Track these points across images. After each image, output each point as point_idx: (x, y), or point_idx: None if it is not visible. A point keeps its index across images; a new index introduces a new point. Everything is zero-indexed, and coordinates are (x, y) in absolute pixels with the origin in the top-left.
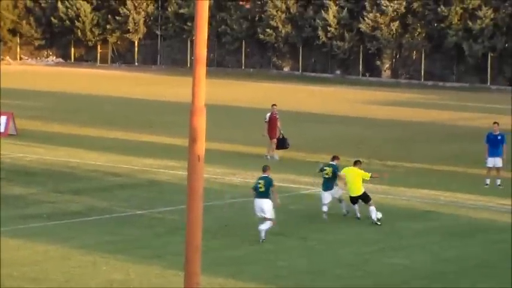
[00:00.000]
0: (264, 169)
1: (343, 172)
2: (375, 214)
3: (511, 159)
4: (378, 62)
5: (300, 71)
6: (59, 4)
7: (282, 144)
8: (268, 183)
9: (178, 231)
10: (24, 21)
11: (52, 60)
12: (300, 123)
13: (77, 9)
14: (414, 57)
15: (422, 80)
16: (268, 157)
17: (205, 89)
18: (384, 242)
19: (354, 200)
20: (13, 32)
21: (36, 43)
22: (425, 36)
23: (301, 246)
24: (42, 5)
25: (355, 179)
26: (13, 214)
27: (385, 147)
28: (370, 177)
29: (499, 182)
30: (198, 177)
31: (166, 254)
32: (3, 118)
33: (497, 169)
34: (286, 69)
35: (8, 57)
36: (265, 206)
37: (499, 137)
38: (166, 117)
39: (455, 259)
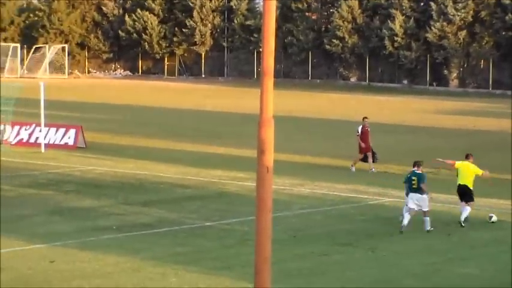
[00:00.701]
0: (417, 164)
1: (456, 166)
2: (466, 215)
3: None
4: (446, 71)
5: (367, 81)
6: (126, 17)
7: (366, 158)
8: (421, 179)
9: (247, 242)
10: (92, 35)
11: (120, 73)
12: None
13: (144, 22)
14: (482, 66)
15: (491, 88)
16: (353, 169)
17: (273, 100)
18: (453, 252)
19: (461, 189)
20: (81, 45)
21: (104, 56)
22: (493, 44)
23: (369, 257)
24: (110, 18)
25: (467, 173)
26: (83, 226)
27: (454, 157)
28: (482, 175)
29: None
30: (266, 189)
31: (236, 265)
32: (73, 131)
33: None
34: (353, 79)
35: (76, 71)
36: (422, 201)
37: None
38: (233, 129)
39: None
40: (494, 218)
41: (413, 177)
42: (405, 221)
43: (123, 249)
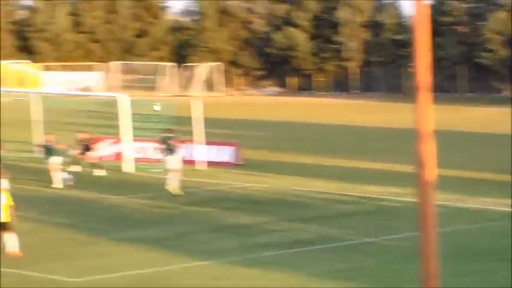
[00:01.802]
0: None
1: None
2: None
3: None
4: None
5: None
6: (275, 35)
7: None
8: None
9: (410, 259)
10: (243, 53)
11: (271, 90)
12: None
13: (292, 38)
14: None
15: None
16: None
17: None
18: None
19: None
20: (233, 63)
21: (256, 73)
22: None
23: None
24: (259, 35)
25: None
26: (244, 243)
27: None
28: None
29: None
30: (428, 204)
31: (399, 282)
32: (231, 149)
33: None
34: (506, 92)
35: (230, 88)
36: None
37: None
38: (385, 144)
39: None
40: None
41: None
42: None
43: (285, 266)
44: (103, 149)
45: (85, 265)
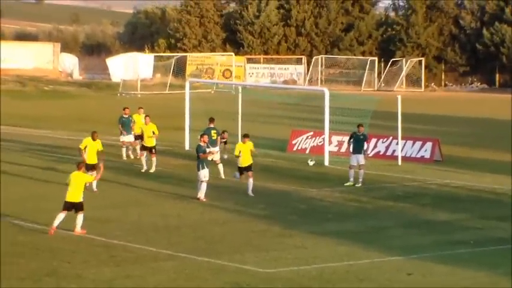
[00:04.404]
0: None
1: None
2: None
3: None
4: None
5: None
6: (484, 30)
7: None
8: None
9: None
10: (448, 48)
11: (476, 86)
12: None
13: (502, 35)
14: None
15: None
16: None
17: None
18: None
19: None
20: (438, 58)
21: (461, 69)
22: None
23: None
24: (467, 31)
25: None
26: (439, 239)
27: None
28: None
29: None
30: None
31: None
32: (429, 144)
33: None
34: None
35: (433, 84)
36: None
37: None
38: None
39: None
40: None
41: None
42: None
43: (478, 264)
44: (302, 143)
45: (278, 256)
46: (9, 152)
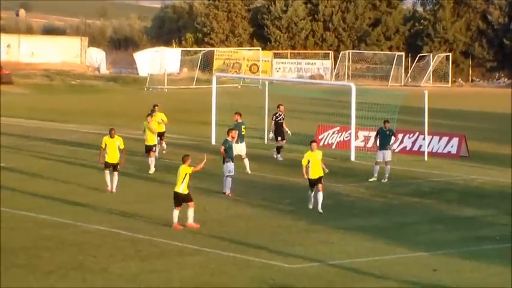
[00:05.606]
0: None
1: None
2: None
3: None
4: None
5: None
6: None
7: None
8: None
9: None
10: (476, 43)
11: (503, 82)
12: None
13: None
14: None
15: None
16: None
17: None
18: None
19: None
20: (465, 54)
21: (488, 65)
22: None
23: None
24: (495, 27)
25: None
26: (465, 235)
27: None
28: None
29: None
30: None
31: None
32: (456, 140)
33: None
34: None
35: (460, 79)
36: None
37: None
38: None
39: None
40: None
41: None
42: None
43: (504, 261)
44: (328, 138)
45: (304, 252)
46: (35, 146)
